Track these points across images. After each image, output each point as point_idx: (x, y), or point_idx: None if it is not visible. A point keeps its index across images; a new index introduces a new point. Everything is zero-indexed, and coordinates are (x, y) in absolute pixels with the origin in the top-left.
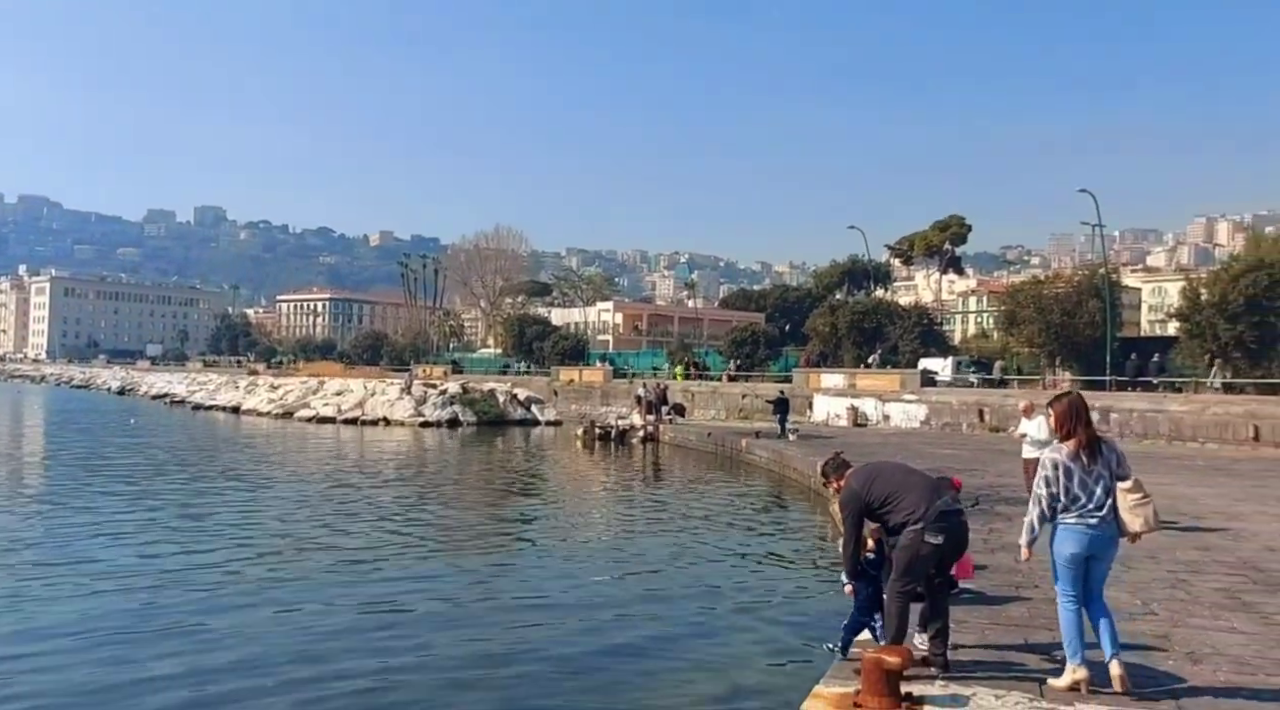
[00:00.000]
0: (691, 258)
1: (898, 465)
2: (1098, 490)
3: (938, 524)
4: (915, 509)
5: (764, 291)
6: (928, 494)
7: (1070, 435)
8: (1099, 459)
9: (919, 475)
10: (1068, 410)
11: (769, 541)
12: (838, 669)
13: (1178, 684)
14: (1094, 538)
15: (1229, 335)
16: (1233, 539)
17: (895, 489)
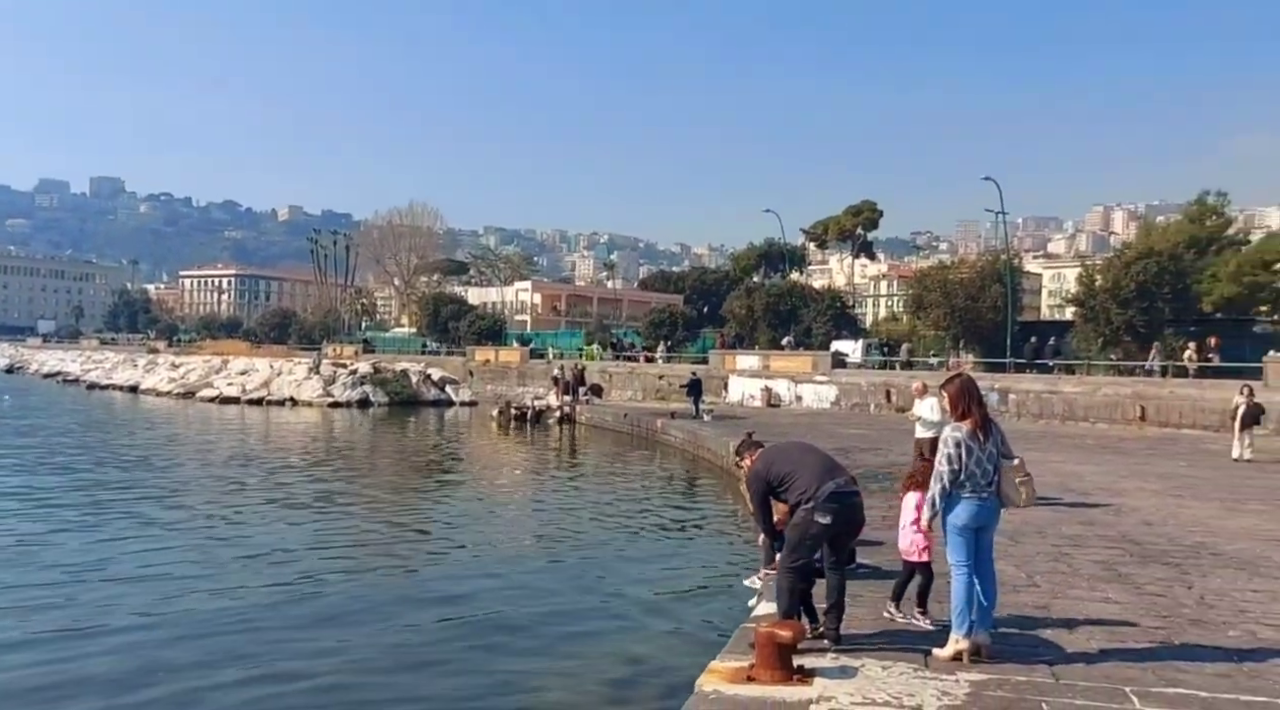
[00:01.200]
0: (611, 239)
1: (801, 446)
2: (989, 466)
3: (827, 504)
4: (807, 489)
5: (683, 273)
6: (820, 474)
7: (966, 415)
8: (990, 438)
9: (816, 456)
10: (960, 391)
11: (679, 521)
12: (735, 643)
13: (1053, 651)
14: (984, 509)
15: (1121, 320)
16: (1114, 514)
17: (792, 469)
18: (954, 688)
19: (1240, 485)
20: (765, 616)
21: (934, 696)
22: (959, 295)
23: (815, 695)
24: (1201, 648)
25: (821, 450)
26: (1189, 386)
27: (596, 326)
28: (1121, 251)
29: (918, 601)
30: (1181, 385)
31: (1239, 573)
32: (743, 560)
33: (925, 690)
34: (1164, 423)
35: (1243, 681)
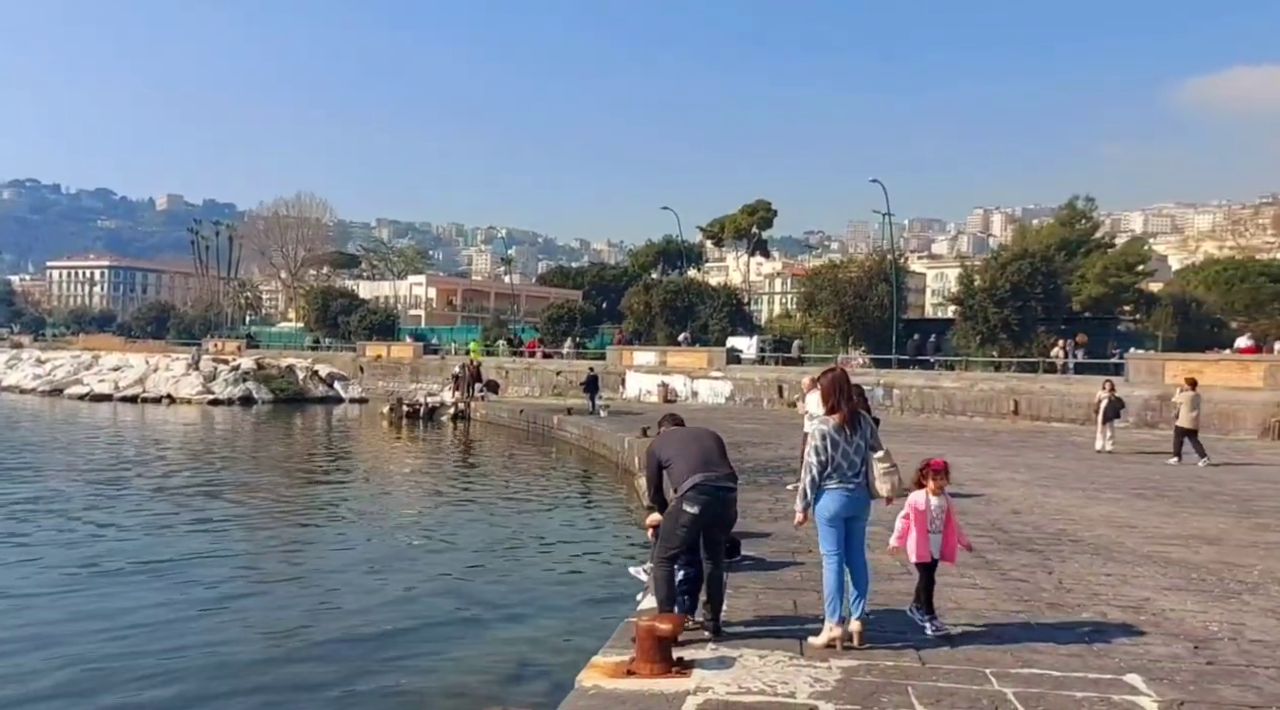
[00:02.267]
0: (509, 233)
1: (693, 434)
2: (856, 458)
3: (694, 495)
4: (682, 477)
5: (582, 269)
6: (695, 466)
7: (835, 409)
8: (858, 430)
9: (699, 446)
10: (831, 386)
11: (572, 517)
12: (617, 638)
13: (922, 636)
14: (852, 500)
15: (997, 318)
16: (985, 504)
17: (674, 455)
18: (826, 674)
19: (1100, 476)
20: (650, 610)
21: (806, 684)
22: (848, 294)
23: (693, 686)
24: (1057, 629)
25: (710, 442)
26: (1058, 382)
27: (493, 322)
28: (998, 253)
29: (914, 597)
30: (1051, 381)
31: (1095, 558)
32: (638, 554)
33: (799, 678)
34: (1035, 416)
35: (1091, 660)
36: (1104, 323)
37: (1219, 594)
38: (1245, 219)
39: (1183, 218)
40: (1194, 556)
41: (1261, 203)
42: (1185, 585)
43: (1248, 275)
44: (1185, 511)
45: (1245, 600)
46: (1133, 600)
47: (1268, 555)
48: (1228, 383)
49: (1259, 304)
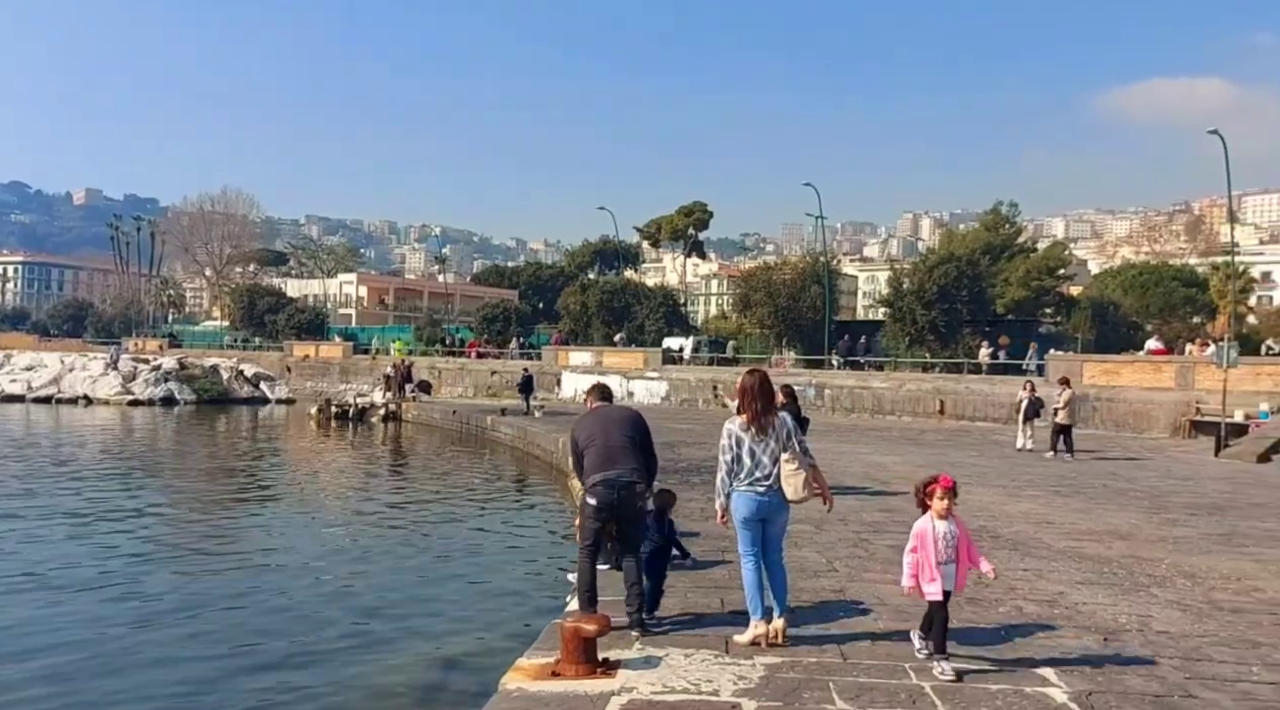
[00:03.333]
0: (444, 231)
1: (605, 420)
2: (765, 459)
3: (595, 488)
4: (588, 471)
5: (518, 268)
6: (598, 462)
7: (744, 409)
8: (769, 432)
9: (605, 438)
10: (743, 387)
11: (505, 518)
12: (544, 639)
13: (845, 632)
14: (763, 502)
15: (925, 320)
16: (911, 502)
17: (587, 445)
18: (750, 671)
19: (1021, 473)
20: (577, 612)
21: (730, 681)
22: (782, 295)
23: (617, 687)
24: (975, 623)
25: (619, 435)
26: (982, 382)
27: (427, 322)
28: (926, 256)
29: (922, 627)
30: (975, 381)
31: (1013, 553)
32: (570, 556)
33: (723, 676)
34: (960, 416)
35: (1007, 653)
36: (1026, 325)
37: (1128, 587)
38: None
39: (1101, 223)
40: (1106, 551)
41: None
42: (1097, 579)
43: (1161, 280)
44: (1100, 508)
45: (1153, 593)
46: (1048, 594)
47: (1175, 550)
48: (1141, 383)
49: (1171, 307)
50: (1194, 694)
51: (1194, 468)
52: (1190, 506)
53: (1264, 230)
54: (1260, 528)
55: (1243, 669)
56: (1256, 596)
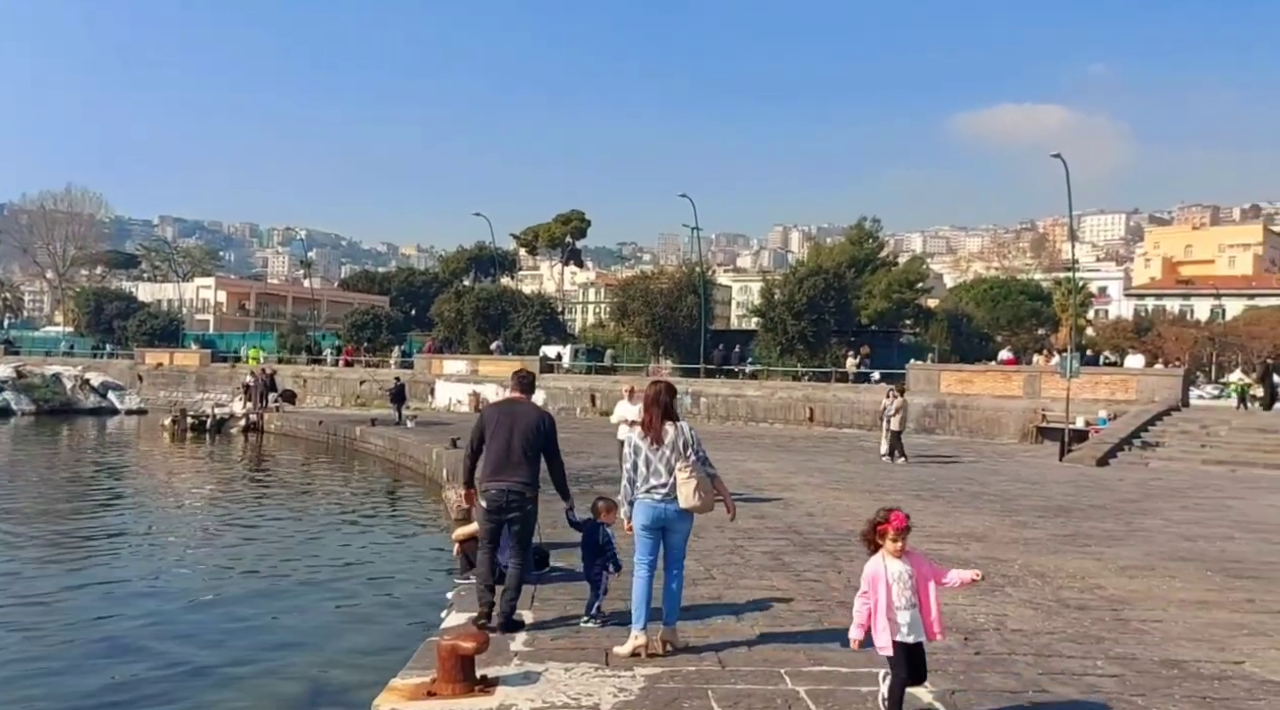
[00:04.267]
0: (309, 235)
1: (507, 422)
2: (661, 468)
3: (486, 491)
4: (483, 470)
5: (389, 274)
6: (490, 467)
7: (644, 418)
8: (665, 441)
9: (508, 442)
10: (644, 398)
11: (375, 533)
12: (419, 658)
13: (723, 640)
14: (659, 510)
15: (795, 330)
16: (783, 507)
17: (489, 439)
18: (630, 683)
19: (885, 478)
20: (454, 628)
21: (611, 694)
22: (659, 304)
23: (496, 705)
24: (846, 627)
25: (522, 441)
26: (848, 390)
27: (291, 328)
28: (796, 269)
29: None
30: (843, 389)
31: None
32: (444, 570)
33: (604, 689)
34: (828, 423)
35: (876, 656)
36: (888, 335)
37: (985, 588)
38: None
39: (956, 240)
40: (965, 553)
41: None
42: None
43: (1010, 293)
44: (958, 511)
45: (1008, 593)
46: None
47: (1026, 550)
48: (993, 391)
49: (1019, 320)
50: (1046, 689)
51: (1041, 471)
52: (1038, 509)
53: (1100, 248)
54: (1100, 528)
55: (1089, 663)
56: (1099, 594)
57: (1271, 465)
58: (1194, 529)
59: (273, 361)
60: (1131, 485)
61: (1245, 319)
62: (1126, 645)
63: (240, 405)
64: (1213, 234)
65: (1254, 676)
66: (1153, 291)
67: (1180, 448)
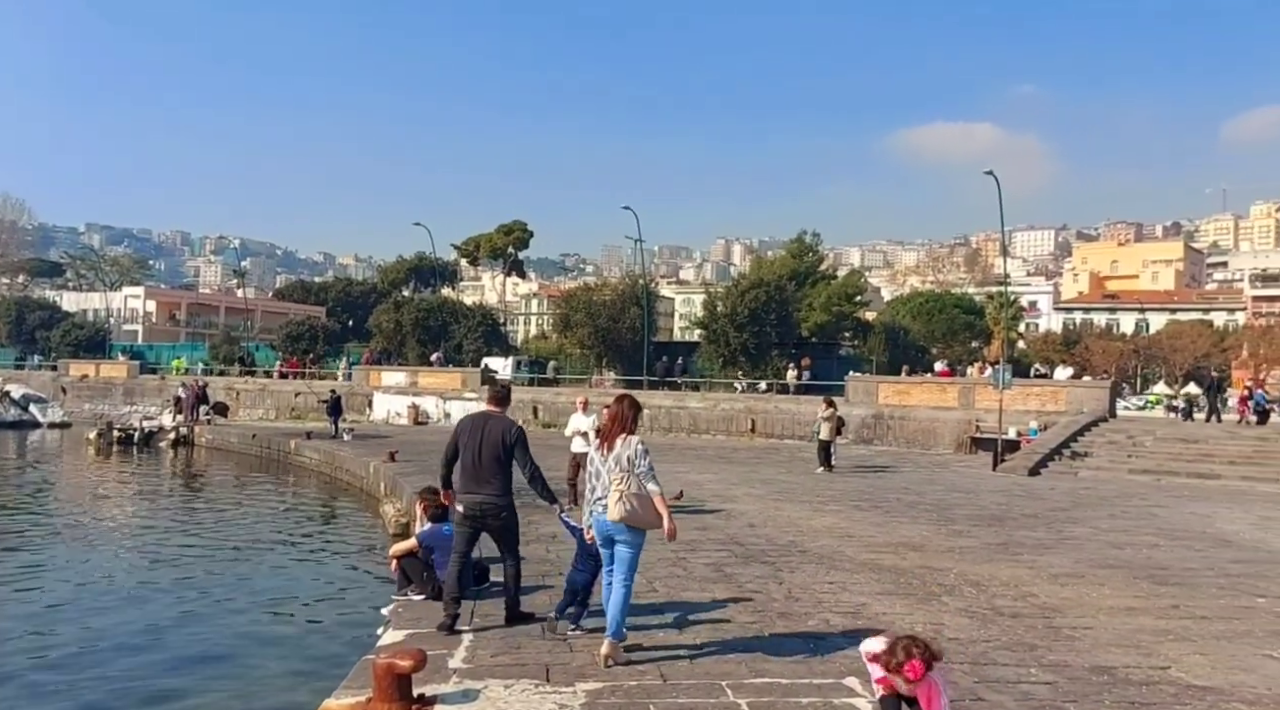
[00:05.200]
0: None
1: (486, 439)
2: (607, 480)
3: (461, 498)
4: (457, 480)
5: (326, 284)
6: (465, 475)
7: (603, 432)
8: (611, 454)
9: (479, 454)
10: (608, 412)
11: (311, 548)
12: (355, 676)
13: (665, 653)
14: (601, 522)
15: (738, 342)
16: (725, 519)
17: (462, 449)
18: (571, 699)
19: (825, 489)
20: (391, 646)
21: None
22: (602, 316)
23: None
24: (786, 638)
25: (491, 453)
26: (789, 402)
27: (223, 339)
28: (738, 281)
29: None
30: (784, 401)
31: (819, 567)
32: (381, 587)
33: (544, 706)
34: (770, 434)
35: (816, 666)
36: (828, 347)
37: (922, 596)
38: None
39: (893, 254)
40: (902, 562)
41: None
42: (895, 590)
43: (945, 307)
44: (895, 521)
45: (944, 601)
46: (852, 606)
47: (961, 559)
48: (929, 403)
49: (954, 332)
50: (982, 697)
51: (975, 481)
52: (973, 518)
53: (1030, 263)
54: (1032, 537)
55: (1022, 671)
56: (1031, 601)
57: (1193, 474)
58: (1121, 537)
59: (198, 373)
60: (1062, 494)
61: (1167, 332)
62: (1059, 652)
63: (170, 418)
64: (1137, 250)
65: (1180, 681)
66: (1080, 305)
67: (1108, 458)
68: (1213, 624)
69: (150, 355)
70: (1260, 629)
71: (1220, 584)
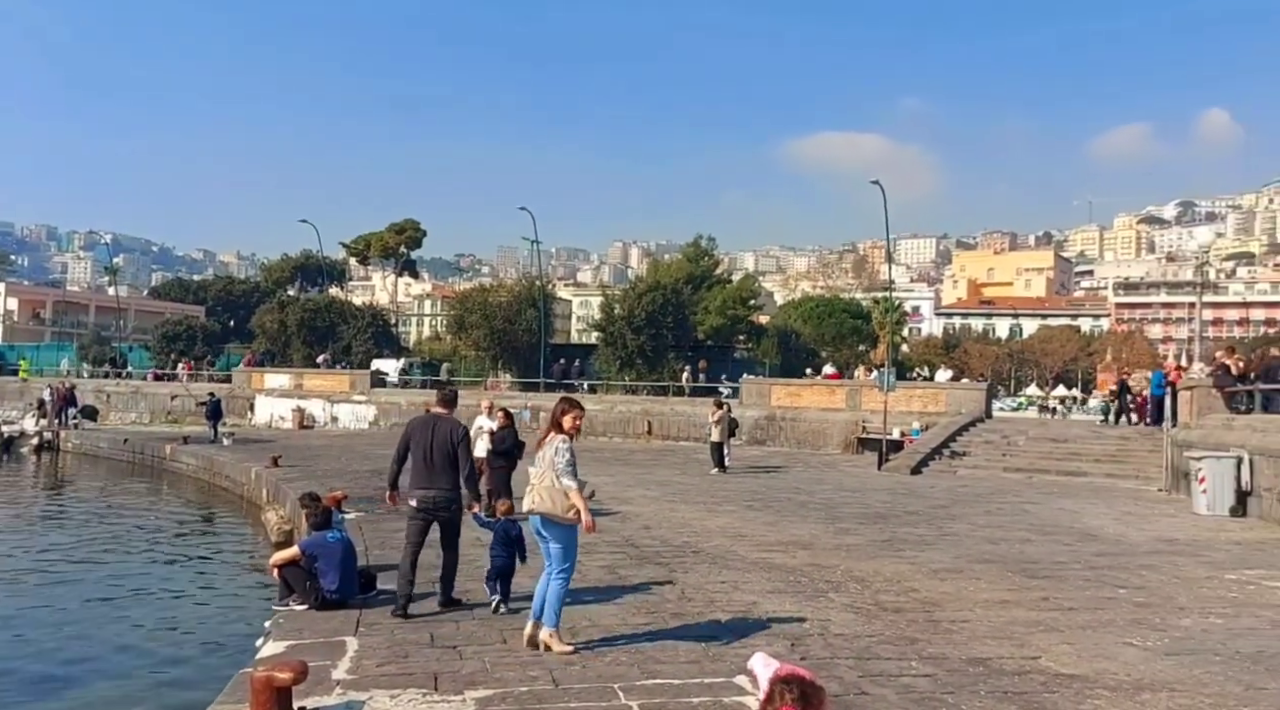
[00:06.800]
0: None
1: (434, 439)
2: (535, 480)
3: (414, 492)
4: (411, 478)
5: (206, 282)
6: (418, 474)
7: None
8: (540, 453)
9: (428, 453)
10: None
11: (187, 558)
12: (231, 691)
13: (556, 658)
14: (533, 518)
15: (635, 344)
16: (621, 521)
17: (413, 449)
18: (461, 708)
19: (719, 490)
20: (271, 658)
21: None
22: (498, 317)
23: None
24: (679, 638)
25: (441, 453)
26: (684, 404)
27: (93, 339)
28: (635, 284)
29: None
30: (679, 403)
31: (712, 567)
32: (261, 597)
33: None
34: (666, 435)
35: (707, 665)
36: (723, 350)
37: (810, 593)
38: (832, 263)
39: (785, 259)
40: (792, 561)
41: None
42: (785, 587)
43: (834, 312)
44: (785, 520)
45: (831, 598)
46: (743, 604)
47: (848, 556)
48: (819, 404)
49: (842, 336)
50: (866, 690)
51: (862, 480)
52: (859, 516)
53: (914, 270)
54: (914, 533)
55: (904, 664)
56: (913, 596)
57: (1062, 472)
58: (996, 532)
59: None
60: (942, 492)
61: (1039, 337)
62: (938, 645)
63: (33, 422)
64: (1011, 259)
65: (1049, 670)
66: (959, 311)
67: (984, 457)
68: (1079, 614)
69: (12, 356)
70: (1121, 618)
71: (1086, 576)
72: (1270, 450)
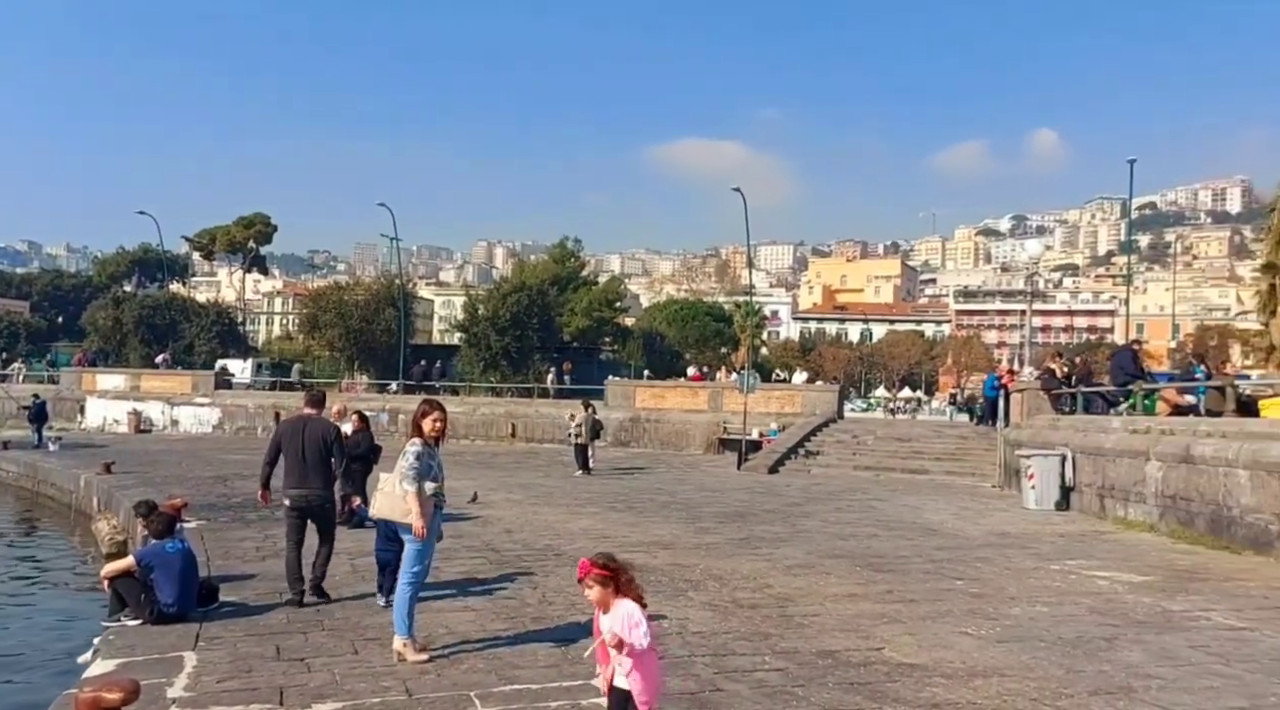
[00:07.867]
0: None
1: (306, 439)
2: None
3: (288, 492)
4: (284, 478)
5: (30, 276)
6: (291, 473)
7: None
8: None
9: (301, 453)
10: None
11: (7, 570)
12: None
13: (411, 669)
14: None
15: (499, 345)
16: (481, 525)
17: (286, 449)
18: None
19: (583, 492)
20: (100, 677)
21: None
22: (354, 317)
23: None
24: (538, 643)
25: (314, 451)
26: (549, 406)
27: None
28: (500, 284)
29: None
30: (544, 405)
31: (574, 570)
32: (92, 612)
33: None
34: (530, 438)
35: (566, 669)
36: (589, 352)
37: (671, 593)
38: (696, 267)
39: (651, 262)
40: (653, 561)
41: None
42: (646, 587)
43: (697, 314)
44: (648, 521)
45: (690, 597)
46: None
47: (707, 555)
48: (682, 406)
49: (705, 339)
50: (721, 687)
51: (722, 480)
52: (718, 515)
53: (773, 275)
54: (770, 531)
55: (758, 659)
56: (768, 592)
57: (907, 470)
58: (846, 529)
59: None
60: (797, 490)
61: (887, 341)
62: (790, 640)
63: None
64: (862, 266)
65: (891, 660)
66: (815, 316)
67: (836, 456)
68: (920, 606)
69: None
70: (958, 609)
71: (927, 569)
72: (1090, 448)
